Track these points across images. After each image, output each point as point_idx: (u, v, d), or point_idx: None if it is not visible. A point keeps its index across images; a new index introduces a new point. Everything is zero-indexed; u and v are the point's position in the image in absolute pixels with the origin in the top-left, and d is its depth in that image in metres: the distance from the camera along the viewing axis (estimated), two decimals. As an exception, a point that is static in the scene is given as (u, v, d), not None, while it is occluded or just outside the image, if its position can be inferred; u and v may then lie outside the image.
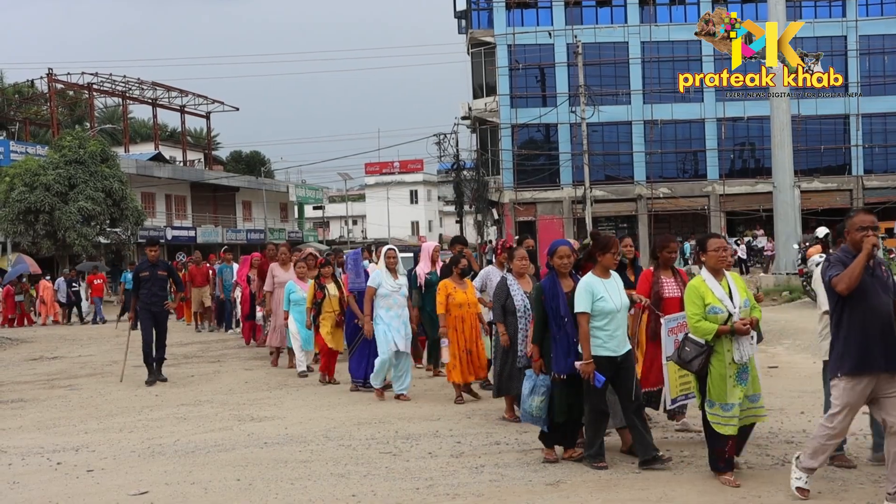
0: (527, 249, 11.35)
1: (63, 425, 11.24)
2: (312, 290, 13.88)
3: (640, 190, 53.20)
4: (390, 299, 12.01)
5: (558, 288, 8.27)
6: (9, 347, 22.92)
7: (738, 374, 7.20)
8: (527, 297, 9.75)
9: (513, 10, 53.36)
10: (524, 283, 10.04)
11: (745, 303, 7.33)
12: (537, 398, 8.24)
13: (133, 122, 76.33)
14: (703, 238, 7.63)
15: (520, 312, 9.79)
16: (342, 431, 10.01)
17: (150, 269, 14.72)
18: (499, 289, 10.10)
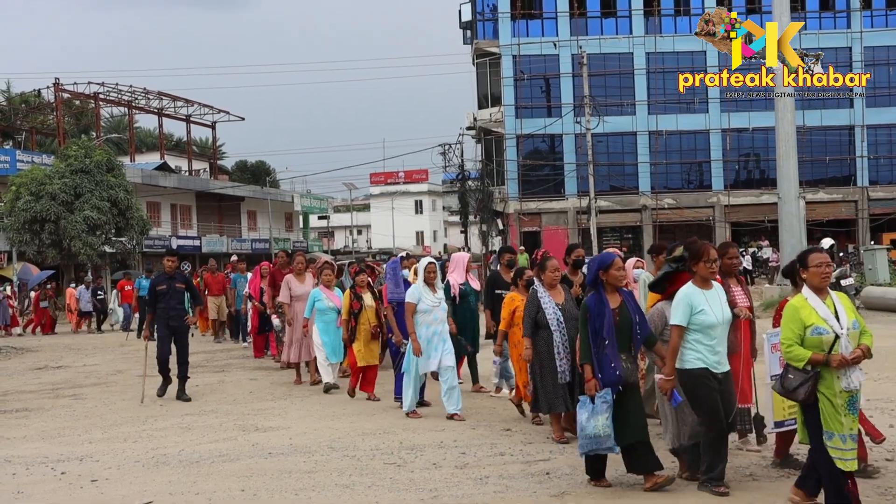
0: (576, 259, 11.19)
1: (67, 435, 11.25)
2: (348, 300, 12.86)
3: (645, 200, 53.17)
4: (431, 315, 11.30)
5: (605, 307, 7.60)
6: (14, 356, 22.94)
7: (848, 402, 6.55)
8: (559, 310, 9.47)
9: (518, 20, 53.42)
10: (556, 295, 9.62)
11: (853, 324, 6.65)
12: (601, 417, 7.51)
13: (139, 131, 76.44)
14: (805, 253, 6.94)
15: (553, 326, 9.42)
16: (346, 442, 10.00)
17: (168, 282, 13.80)
18: (529, 301, 9.67)
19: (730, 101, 51.80)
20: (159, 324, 13.85)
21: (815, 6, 53.15)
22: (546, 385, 9.53)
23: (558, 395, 9.46)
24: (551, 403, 9.55)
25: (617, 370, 7.52)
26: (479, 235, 61.16)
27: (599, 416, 7.52)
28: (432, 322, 11.29)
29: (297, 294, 14.99)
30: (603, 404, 7.53)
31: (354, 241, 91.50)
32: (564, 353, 9.40)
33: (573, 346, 9.00)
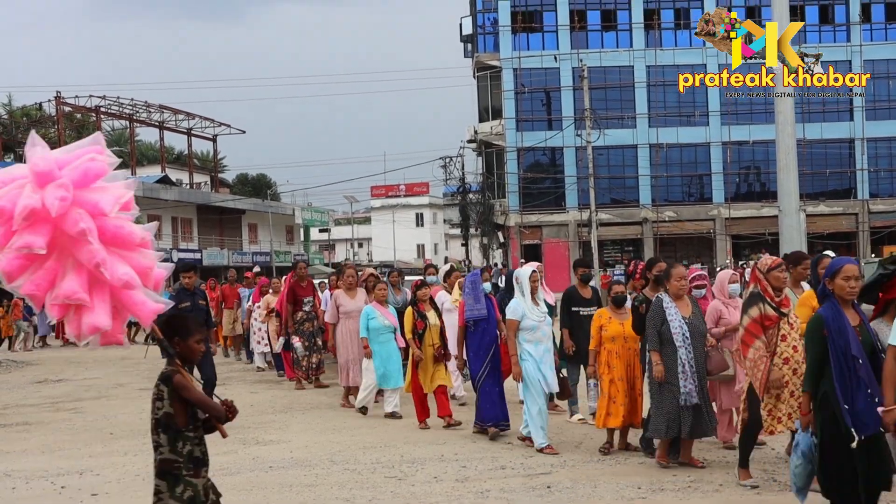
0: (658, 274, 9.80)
1: (68, 448, 11.23)
2: (412, 318, 11.63)
3: (646, 213, 53.20)
4: (537, 332, 9.99)
5: (844, 320, 6.22)
6: (14, 370, 22.90)
7: None
8: (685, 324, 8.66)
9: (518, 34, 53.56)
10: (683, 307, 8.81)
11: None
12: (794, 459, 6.51)
13: (140, 144, 76.55)
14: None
15: (678, 341, 8.58)
16: (347, 455, 9.99)
17: (191, 299, 12.55)
18: (653, 312, 8.79)
19: (730, 113, 52.06)
20: None
21: (814, 19, 53.30)
22: (666, 406, 8.62)
23: (680, 419, 8.57)
24: (670, 426, 8.62)
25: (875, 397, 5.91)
26: (479, 248, 61.26)
27: (794, 458, 6.52)
28: (541, 339, 10.02)
29: (348, 311, 13.62)
30: (801, 447, 6.43)
31: (355, 254, 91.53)
32: (690, 372, 8.56)
33: (699, 366, 8.64)
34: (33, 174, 4.72)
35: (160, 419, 5.08)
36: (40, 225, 4.62)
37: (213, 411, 5.09)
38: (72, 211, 4.65)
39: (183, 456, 5.05)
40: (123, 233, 4.86)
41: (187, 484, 5.05)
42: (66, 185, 4.66)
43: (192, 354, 5.25)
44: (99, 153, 4.92)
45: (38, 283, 4.72)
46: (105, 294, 4.79)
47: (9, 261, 4.68)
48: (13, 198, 4.65)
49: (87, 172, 4.80)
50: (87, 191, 4.77)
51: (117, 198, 4.85)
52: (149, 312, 4.95)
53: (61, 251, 4.72)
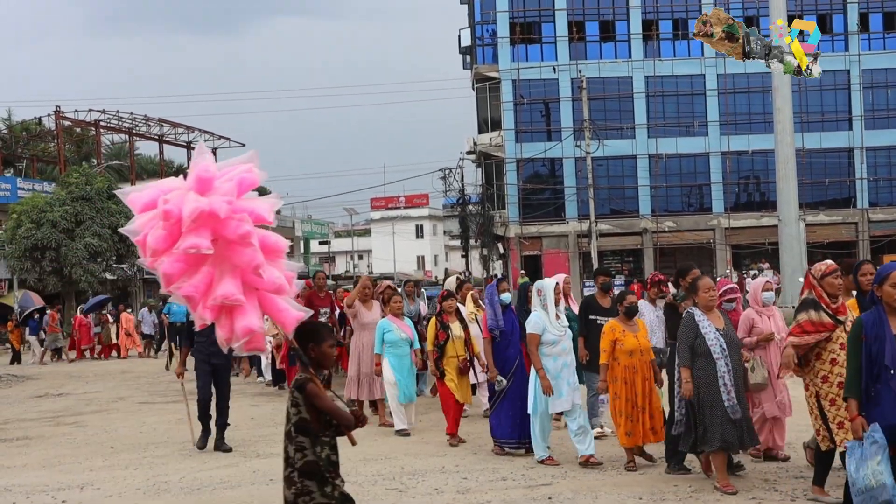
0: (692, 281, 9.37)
1: (68, 463, 11.21)
2: (434, 329, 11.41)
3: (646, 224, 53.21)
4: (558, 346, 9.75)
5: (886, 328, 6.13)
6: (14, 384, 22.89)
7: None
8: (721, 335, 8.31)
9: (517, 45, 53.64)
10: (715, 319, 8.44)
11: None
12: (871, 462, 6.06)
13: (140, 158, 76.52)
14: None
15: (716, 353, 8.20)
16: (348, 467, 9.93)
17: None
18: (685, 327, 8.43)
19: (729, 123, 52.14)
20: (198, 361, 11.86)
21: (812, 29, 53.35)
22: (715, 418, 8.17)
23: (733, 430, 8.15)
24: (725, 438, 8.14)
25: None
26: (479, 259, 61.23)
27: (869, 462, 6.07)
28: (560, 353, 9.75)
29: (364, 322, 13.18)
30: (872, 445, 6.06)
31: (355, 265, 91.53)
32: (731, 384, 8.17)
33: (738, 378, 8.29)
34: (197, 180, 4.95)
35: (297, 424, 5.22)
36: (204, 228, 4.84)
37: (342, 419, 5.22)
38: (234, 215, 4.87)
39: (322, 459, 5.20)
40: (271, 242, 5.11)
41: (333, 485, 5.22)
42: (230, 192, 4.92)
43: (327, 360, 5.39)
44: (252, 167, 5.17)
45: (196, 286, 4.94)
46: (255, 299, 5.02)
47: (170, 264, 4.89)
48: (178, 203, 4.85)
49: (242, 183, 5.03)
50: (244, 200, 5.02)
51: (272, 206, 5.14)
52: (291, 320, 5.16)
53: (218, 256, 4.93)
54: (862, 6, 53.48)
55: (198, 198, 4.85)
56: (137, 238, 4.95)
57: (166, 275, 4.92)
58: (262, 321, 5.02)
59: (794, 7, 47.14)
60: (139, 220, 4.95)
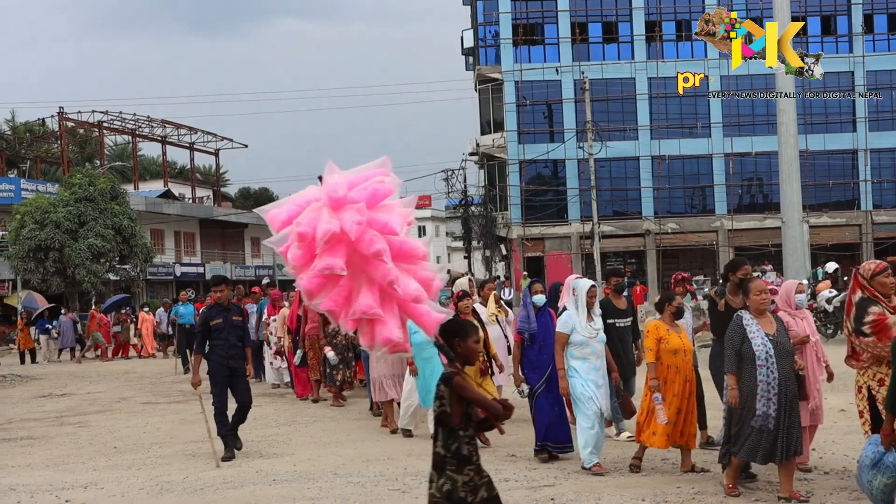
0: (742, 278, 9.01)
1: (72, 462, 11.23)
2: None
3: (649, 225, 53.19)
4: (587, 348, 9.48)
5: None
6: (18, 385, 22.93)
7: None
8: (769, 341, 7.90)
9: (520, 46, 53.63)
10: (766, 324, 8.03)
11: None
12: (881, 478, 6.38)
13: (142, 159, 76.68)
14: None
15: (760, 360, 7.82)
16: (351, 468, 9.98)
17: (224, 315, 11.26)
18: (732, 330, 8.06)
19: (732, 125, 52.12)
20: (215, 366, 11.23)
21: (817, 31, 53.35)
22: (745, 427, 7.91)
23: (760, 443, 7.84)
24: (751, 450, 7.90)
25: None
26: (482, 261, 61.23)
27: (880, 476, 6.37)
28: (589, 356, 9.47)
29: None
30: (890, 466, 6.29)
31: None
32: (771, 393, 7.79)
33: (784, 387, 7.84)
34: (329, 199, 5.05)
35: (437, 416, 5.32)
36: (339, 247, 4.97)
37: (491, 409, 5.27)
38: (367, 233, 4.98)
39: (451, 452, 5.25)
40: (408, 248, 5.19)
41: (447, 478, 5.24)
42: (362, 210, 5.00)
43: (472, 354, 5.50)
44: (385, 175, 5.25)
45: (335, 300, 5.09)
46: (394, 307, 5.12)
47: (309, 280, 5.06)
48: (312, 222, 4.99)
49: (375, 193, 5.13)
50: (377, 211, 5.11)
51: (404, 217, 5.22)
52: (433, 322, 5.24)
53: (355, 269, 5.05)
54: (866, 7, 53.40)
55: (330, 218, 4.96)
56: (280, 250, 5.19)
57: (307, 290, 5.10)
58: (401, 330, 5.11)
59: (798, 8, 47.12)
60: (280, 234, 5.16)
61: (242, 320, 11.68)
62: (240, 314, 11.71)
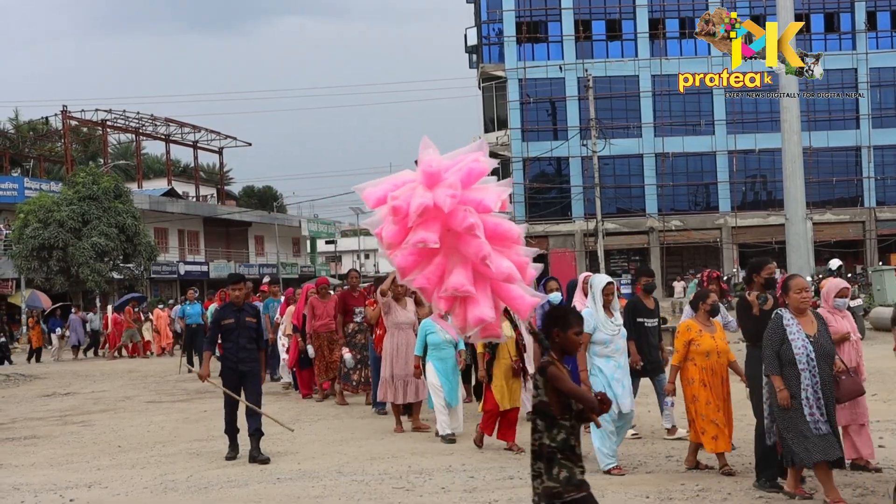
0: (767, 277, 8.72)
1: (76, 461, 11.23)
2: None
3: (652, 223, 53.18)
4: (610, 346, 9.26)
5: None
6: (22, 384, 22.95)
7: None
8: (810, 343, 7.59)
9: (523, 44, 53.64)
10: (806, 325, 7.69)
11: None
12: None
13: (146, 157, 76.80)
14: None
15: (802, 363, 7.52)
16: (355, 466, 9.97)
17: (236, 315, 10.87)
18: (772, 331, 7.71)
19: (736, 122, 52.09)
20: (226, 367, 10.98)
21: (820, 28, 53.33)
22: (798, 433, 7.55)
23: (821, 444, 7.49)
24: (811, 451, 7.49)
25: None
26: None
27: None
28: (612, 354, 9.25)
29: (399, 322, 12.38)
30: None
31: (362, 265, 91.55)
32: (814, 398, 7.52)
33: (826, 391, 7.58)
34: (424, 175, 5.07)
35: (536, 407, 5.25)
36: (432, 221, 4.99)
37: (586, 402, 5.18)
38: (460, 208, 4.98)
39: (557, 442, 5.16)
40: (502, 230, 5.16)
41: (562, 466, 5.15)
42: (455, 185, 5.01)
43: (572, 346, 5.41)
44: (481, 156, 5.26)
45: (428, 278, 5.10)
46: (487, 288, 5.09)
47: (403, 257, 5.08)
48: (407, 198, 5.01)
49: (470, 173, 5.14)
50: (471, 190, 5.11)
51: (498, 195, 5.19)
52: (526, 306, 5.19)
53: (449, 247, 5.05)
54: (869, 5, 53.39)
55: (424, 192, 4.98)
56: (375, 231, 5.20)
57: (400, 267, 5.11)
58: (493, 310, 5.07)
59: (802, 5, 47.10)
60: (376, 215, 5.19)
61: (257, 321, 11.19)
62: (254, 315, 11.22)
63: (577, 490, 5.13)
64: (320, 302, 15.46)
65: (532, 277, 5.30)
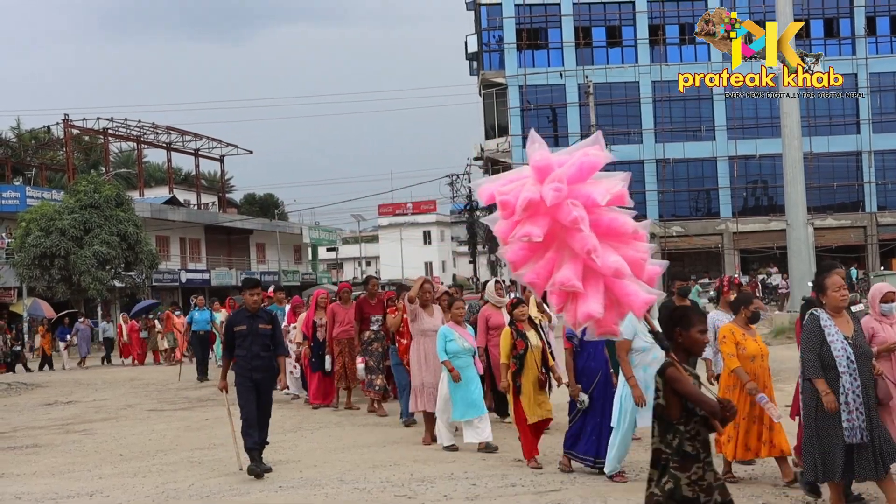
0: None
1: (77, 470, 11.22)
2: (510, 339, 10.10)
3: (653, 228, 52.96)
4: (649, 355, 8.91)
5: None
6: (24, 392, 22.94)
7: None
8: (848, 345, 7.26)
9: (524, 51, 53.68)
10: (843, 325, 7.36)
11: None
12: None
13: (148, 165, 76.81)
14: None
15: (842, 366, 7.18)
16: (357, 474, 9.96)
17: (250, 322, 10.48)
18: (810, 332, 7.34)
19: (736, 128, 52.09)
20: (240, 376, 10.44)
21: (819, 33, 53.34)
22: (825, 444, 7.26)
23: (841, 460, 7.21)
24: (829, 469, 7.26)
25: None
26: (487, 265, 61.24)
27: None
28: (651, 363, 8.78)
29: (425, 329, 11.91)
30: None
31: (363, 272, 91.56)
32: (855, 403, 7.14)
33: (867, 395, 7.25)
34: (535, 170, 5.10)
35: (654, 409, 5.12)
36: (538, 216, 4.97)
37: (707, 406, 4.97)
38: (566, 202, 4.95)
39: (672, 448, 5.00)
40: (616, 224, 5.10)
41: (671, 476, 4.98)
42: (561, 178, 5.00)
43: (695, 346, 5.22)
44: (596, 150, 5.30)
45: (538, 273, 5.07)
46: (598, 284, 5.00)
47: (514, 251, 5.07)
48: (516, 192, 5.03)
49: (581, 167, 5.14)
50: (582, 184, 5.09)
51: (608, 188, 5.14)
52: (640, 303, 5.06)
53: (560, 243, 5.02)
54: (869, 10, 53.40)
55: (531, 187, 4.99)
56: (494, 228, 5.18)
57: (511, 262, 5.10)
58: (601, 306, 4.96)
59: (801, 11, 47.13)
60: (496, 212, 5.17)
61: (272, 328, 10.65)
62: (269, 322, 10.69)
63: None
64: (342, 308, 15.08)
65: (654, 274, 5.15)
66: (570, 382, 9.51)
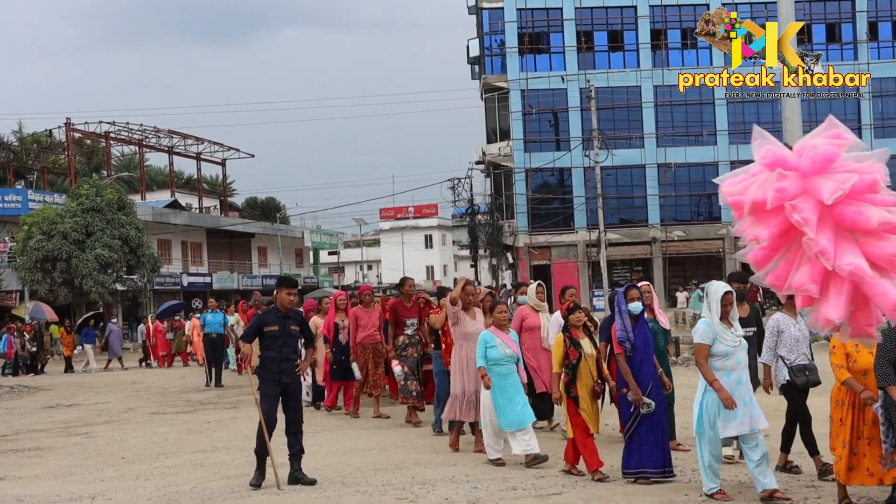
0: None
1: (79, 473, 11.23)
2: (562, 347, 9.64)
3: (655, 233, 53.17)
4: (731, 359, 8.28)
5: None
6: (26, 395, 22.96)
7: None
8: None
9: (525, 55, 53.73)
10: None
11: None
12: None
13: (149, 169, 76.87)
14: None
15: None
16: (358, 477, 9.97)
17: (281, 322, 9.97)
18: (889, 339, 6.67)
19: (738, 132, 52.08)
20: (265, 379, 9.97)
21: (821, 38, 53.37)
22: None
23: None
24: None
25: None
26: (489, 269, 61.19)
27: None
28: (734, 368, 8.28)
29: (468, 332, 11.18)
30: None
31: (365, 276, 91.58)
32: None
33: None
34: (762, 167, 4.99)
35: None
36: (766, 217, 4.80)
37: None
38: (786, 204, 4.75)
39: None
40: (860, 219, 4.75)
41: None
42: (789, 177, 4.78)
43: None
44: (835, 136, 4.96)
45: (778, 274, 4.93)
46: (842, 286, 4.72)
47: (754, 252, 4.97)
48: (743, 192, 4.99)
49: (816, 159, 4.84)
50: (819, 177, 4.77)
51: (840, 183, 4.76)
52: (892, 303, 4.74)
53: (799, 242, 4.81)
54: (871, 15, 53.46)
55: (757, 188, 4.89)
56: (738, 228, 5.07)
57: (753, 262, 5.00)
58: (839, 310, 4.71)
59: (803, 16, 47.13)
60: None
61: (300, 330, 10.24)
62: (300, 324, 10.26)
63: None
64: (364, 312, 14.44)
65: None
66: (632, 388, 9.12)
